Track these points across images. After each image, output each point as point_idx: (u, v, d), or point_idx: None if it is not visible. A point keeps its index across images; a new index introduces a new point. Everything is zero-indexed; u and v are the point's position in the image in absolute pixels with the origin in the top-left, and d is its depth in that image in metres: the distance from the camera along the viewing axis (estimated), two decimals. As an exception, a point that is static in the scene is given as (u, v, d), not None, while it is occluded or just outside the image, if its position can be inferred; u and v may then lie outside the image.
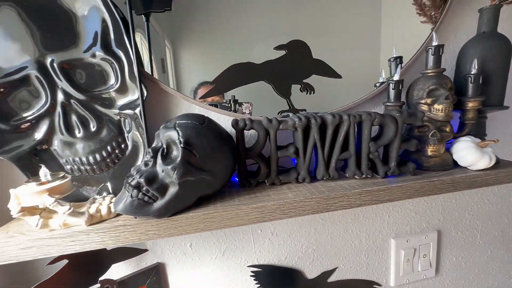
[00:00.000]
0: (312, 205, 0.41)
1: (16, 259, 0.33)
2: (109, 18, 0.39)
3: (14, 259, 0.33)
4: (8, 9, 0.37)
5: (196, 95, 0.47)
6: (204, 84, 0.47)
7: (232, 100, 0.49)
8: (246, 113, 0.49)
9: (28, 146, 0.39)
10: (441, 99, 0.46)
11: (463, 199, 0.66)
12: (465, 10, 0.57)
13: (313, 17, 0.49)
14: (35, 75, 0.39)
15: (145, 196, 0.34)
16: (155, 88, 0.45)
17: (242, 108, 0.50)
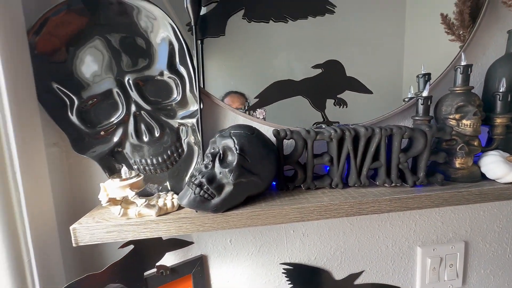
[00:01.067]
0: (346, 209, 0.45)
1: (101, 240, 0.41)
2: (176, 43, 0.47)
3: (100, 240, 0.41)
4: (98, 39, 0.45)
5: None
6: (229, 93, 0.53)
7: (247, 106, 0.55)
8: (260, 118, 0.54)
9: (108, 148, 0.48)
10: (469, 115, 0.50)
11: (492, 212, 0.67)
12: (494, 30, 0.59)
13: (346, 39, 0.55)
14: (115, 91, 0.47)
15: (205, 194, 0.41)
16: (208, 101, 0.53)
17: (256, 113, 0.55)
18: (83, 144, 0.46)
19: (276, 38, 0.52)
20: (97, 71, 0.46)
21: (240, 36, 0.51)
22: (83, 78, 0.46)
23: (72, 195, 0.51)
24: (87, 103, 0.46)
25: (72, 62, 0.45)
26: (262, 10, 0.50)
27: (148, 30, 0.46)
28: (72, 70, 0.45)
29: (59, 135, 0.49)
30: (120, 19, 0.45)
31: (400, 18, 0.58)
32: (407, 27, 0.59)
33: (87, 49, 0.45)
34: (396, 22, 0.58)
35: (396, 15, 0.57)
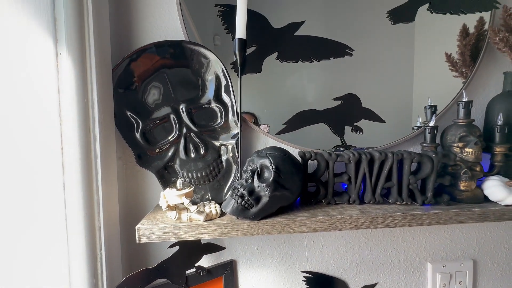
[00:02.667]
0: (363, 222, 0.53)
1: (158, 239, 0.50)
2: (223, 79, 0.58)
3: (157, 239, 0.49)
4: (162, 74, 0.57)
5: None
6: (244, 113, 0.62)
7: (253, 122, 0.63)
8: (264, 131, 0.63)
9: (163, 163, 0.58)
10: (471, 144, 0.57)
11: (498, 233, 0.72)
12: (492, 70, 0.68)
13: (362, 75, 0.64)
14: (172, 116, 0.58)
15: (246, 204, 0.50)
16: (244, 125, 0.63)
17: (261, 128, 0.64)
18: (145, 159, 0.57)
19: (303, 75, 0.63)
20: (158, 99, 0.57)
21: (273, 73, 0.62)
22: (148, 105, 0.57)
23: (129, 200, 0.61)
24: (149, 125, 0.57)
25: (141, 92, 0.56)
26: (292, 53, 0.61)
27: (201, 68, 0.58)
28: (140, 99, 0.56)
29: (122, 150, 0.59)
30: (181, 59, 0.57)
31: (409, 56, 0.67)
32: (416, 64, 0.68)
33: (152, 82, 0.57)
34: (405, 60, 0.67)
35: (406, 54, 0.67)
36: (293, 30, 0.61)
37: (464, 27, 0.67)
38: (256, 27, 0.60)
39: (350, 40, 0.63)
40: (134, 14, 0.60)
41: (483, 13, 0.66)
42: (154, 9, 0.60)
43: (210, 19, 0.60)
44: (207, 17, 0.61)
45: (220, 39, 0.60)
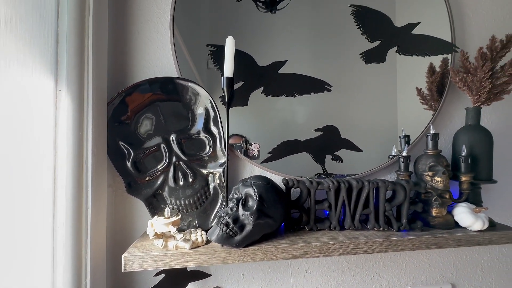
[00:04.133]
0: (342, 248, 0.55)
1: (144, 268, 0.51)
2: (212, 112, 0.62)
3: (143, 268, 0.51)
4: (155, 107, 0.61)
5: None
6: (233, 135, 0.67)
7: (244, 141, 0.68)
8: (255, 151, 0.67)
9: (152, 190, 0.60)
10: (439, 173, 0.62)
11: (473, 256, 0.75)
12: (456, 104, 0.75)
13: (340, 109, 0.70)
14: (162, 146, 0.61)
15: (231, 232, 0.52)
16: (231, 154, 0.66)
17: (252, 147, 0.68)
18: (135, 187, 0.59)
19: (286, 108, 0.68)
20: (150, 130, 0.61)
21: (259, 106, 0.67)
22: (140, 135, 0.60)
23: (117, 227, 0.62)
24: (140, 154, 0.60)
25: (134, 124, 0.60)
26: (276, 88, 0.67)
27: (192, 102, 0.62)
28: (133, 130, 0.60)
29: (113, 178, 0.62)
30: (174, 93, 0.61)
31: (382, 91, 0.74)
32: (389, 98, 0.74)
33: (145, 114, 0.60)
34: (379, 94, 0.74)
35: (379, 89, 0.73)
36: (277, 68, 0.67)
37: (431, 65, 0.75)
38: (244, 65, 0.66)
39: (329, 77, 0.69)
40: (131, 51, 0.65)
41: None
42: (150, 47, 0.65)
43: (202, 52, 0.66)
44: (200, 54, 0.66)
45: (211, 62, 0.65)
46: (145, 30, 0.65)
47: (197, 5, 0.66)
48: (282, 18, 0.69)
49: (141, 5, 0.65)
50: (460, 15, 0.77)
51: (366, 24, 0.71)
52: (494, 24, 0.78)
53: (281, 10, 0.68)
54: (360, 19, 0.71)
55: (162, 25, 0.66)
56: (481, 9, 0.78)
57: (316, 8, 0.70)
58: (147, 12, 0.65)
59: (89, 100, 0.50)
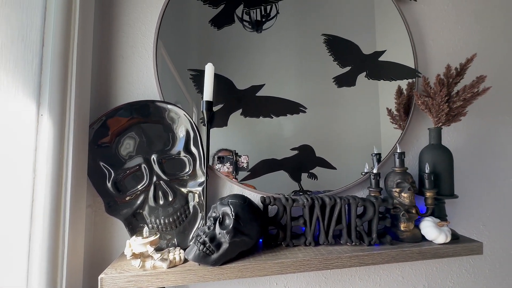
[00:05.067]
0: (316, 264, 0.58)
1: (121, 289, 0.51)
2: (192, 132, 0.65)
3: (120, 288, 0.51)
4: (136, 129, 0.63)
5: (213, 159, 0.70)
6: (222, 150, 0.70)
7: (234, 153, 0.71)
8: (244, 163, 0.70)
9: (132, 210, 0.61)
10: (405, 189, 0.67)
11: (443, 268, 0.79)
12: (422, 125, 0.82)
13: (315, 129, 0.75)
14: (143, 166, 0.63)
15: (208, 250, 0.54)
16: (211, 173, 0.69)
17: (241, 158, 0.71)
18: (114, 207, 0.60)
19: (263, 128, 0.72)
20: (132, 151, 0.63)
21: (238, 127, 0.70)
22: (121, 156, 0.62)
23: (96, 248, 0.62)
24: (121, 174, 0.61)
25: (116, 145, 0.62)
26: (254, 110, 0.71)
27: (173, 123, 0.65)
28: (114, 151, 0.62)
29: (93, 198, 0.62)
30: (154, 115, 0.64)
31: (354, 112, 0.79)
32: (362, 118, 0.80)
33: (127, 135, 0.63)
34: (351, 115, 0.79)
35: (351, 110, 0.79)
36: (254, 91, 0.71)
37: (399, 87, 0.82)
38: (223, 88, 0.70)
39: (303, 100, 0.74)
40: (115, 76, 0.68)
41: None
42: (133, 71, 0.69)
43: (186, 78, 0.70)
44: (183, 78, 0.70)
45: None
46: (129, 55, 0.69)
47: (183, 30, 0.71)
48: (261, 44, 0.74)
49: (126, 32, 0.69)
50: (422, 44, 0.85)
51: (337, 51, 0.77)
52: (452, 52, 0.87)
53: (266, 30, 0.74)
54: (331, 46, 0.77)
55: (146, 51, 0.69)
56: (440, 38, 0.87)
57: (294, 34, 0.76)
58: (131, 38, 0.69)
59: (71, 123, 0.52)
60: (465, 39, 0.88)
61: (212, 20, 0.71)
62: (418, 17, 0.85)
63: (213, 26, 0.71)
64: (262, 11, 0.75)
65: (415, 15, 0.85)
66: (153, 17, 0.70)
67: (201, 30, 0.71)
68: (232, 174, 0.70)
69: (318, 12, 0.79)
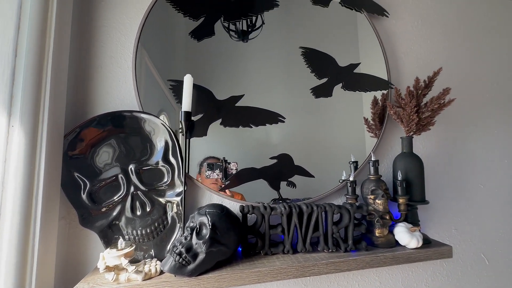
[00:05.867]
0: (293, 271, 0.59)
1: (93, 304, 0.50)
2: (170, 142, 0.65)
3: (92, 303, 0.50)
4: (114, 139, 0.63)
5: (201, 167, 0.70)
6: (210, 157, 0.71)
7: (223, 160, 0.72)
8: (233, 170, 0.71)
9: (108, 221, 0.60)
10: (379, 196, 0.70)
11: (418, 272, 0.82)
12: (395, 133, 0.86)
13: (294, 138, 0.77)
14: (120, 176, 0.62)
15: (184, 261, 0.53)
16: (190, 183, 0.69)
17: (230, 165, 0.72)
18: (89, 219, 0.59)
19: (243, 138, 0.73)
20: (109, 161, 0.62)
21: (218, 136, 0.71)
22: (97, 166, 0.61)
23: (69, 262, 0.61)
24: (96, 185, 0.61)
25: (92, 156, 0.61)
26: (233, 120, 0.72)
27: (151, 133, 0.65)
28: (90, 162, 0.61)
29: (67, 210, 0.61)
30: (132, 126, 0.64)
31: (332, 121, 0.82)
32: (339, 127, 0.83)
33: (104, 146, 0.62)
34: (329, 124, 0.82)
35: (328, 119, 0.82)
36: (234, 102, 0.73)
37: (375, 98, 0.86)
38: (203, 99, 0.71)
39: (282, 110, 0.76)
40: (93, 85, 0.67)
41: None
42: (112, 81, 0.69)
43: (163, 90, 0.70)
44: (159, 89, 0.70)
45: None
46: (107, 65, 0.69)
47: (166, 39, 0.72)
48: (242, 54, 0.76)
49: (104, 42, 0.69)
50: (394, 57, 0.90)
51: (314, 63, 0.80)
52: (422, 65, 0.92)
53: (253, 39, 0.77)
54: (309, 59, 0.80)
55: (125, 61, 0.70)
56: (411, 52, 0.92)
57: (275, 46, 0.78)
58: (110, 49, 0.69)
59: (44, 134, 0.52)
60: (434, 53, 0.93)
61: (192, 32, 0.73)
62: (390, 32, 0.91)
63: (193, 38, 0.73)
64: (248, 21, 0.78)
65: (387, 30, 0.90)
66: (133, 28, 0.71)
67: (184, 40, 0.73)
68: (222, 180, 0.70)
69: (299, 25, 0.82)
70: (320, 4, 0.84)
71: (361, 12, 0.87)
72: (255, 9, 0.78)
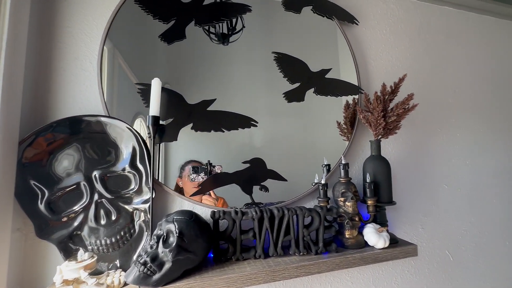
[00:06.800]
0: (263, 276, 0.59)
1: (48, 321, 0.47)
2: (138, 148, 0.63)
3: (47, 321, 0.47)
4: (76, 145, 0.60)
5: (183, 171, 0.69)
6: (191, 161, 0.70)
7: (208, 163, 0.71)
8: (218, 172, 0.71)
9: (68, 232, 0.57)
10: (348, 199, 0.71)
11: (388, 270, 0.85)
12: (366, 137, 0.89)
13: (266, 142, 0.77)
14: (83, 183, 0.60)
15: (148, 271, 0.52)
16: (160, 189, 0.67)
17: (215, 168, 0.71)
18: (46, 230, 0.55)
19: (215, 142, 0.72)
20: (70, 168, 0.59)
21: (189, 141, 0.70)
22: (57, 174, 0.58)
23: (24, 276, 0.57)
24: (56, 194, 0.57)
25: (51, 163, 0.58)
26: (205, 124, 0.71)
27: (117, 139, 0.63)
28: (48, 170, 0.57)
29: (23, 221, 0.57)
30: (96, 131, 0.61)
31: (304, 125, 0.83)
32: (312, 131, 0.84)
33: (65, 152, 0.59)
34: (302, 128, 0.83)
35: (301, 124, 0.83)
36: (205, 106, 0.72)
37: (347, 102, 0.88)
38: (173, 103, 0.70)
39: (255, 114, 0.76)
40: (54, 88, 0.64)
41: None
42: (76, 84, 0.66)
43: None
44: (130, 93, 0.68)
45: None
46: (71, 67, 0.66)
47: (139, 42, 0.70)
48: (216, 59, 0.76)
49: (67, 43, 0.66)
50: (364, 63, 0.93)
51: (286, 68, 0.81)
52: (390, 71, 0.96)
53: (233, 42, 0.77)
54: (281, 64, 0.81)
55: (90, 63, 0.67)
56: (380, 58, 0.96)
57: (249, 49, 0.79)
58: (74, 50, 0.66)
59: (-7, 141, 0.48)
60: (401, 61, 0.98)
61: (162, 35, 0.72)
62: (361, 39, 0.94)
63: (163, 41, 0.72)
64: (228, 24, 0.78)
65: (358, 37, 0.94)
66: (99, 29, 0.68)
67: (161, 43, 0.71)
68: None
69: (275, 30, 0.83)
70: (292, 11, 0.85)
71: (332, 20, 0.89)
72: (228, 14, 0.78)
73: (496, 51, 1.16)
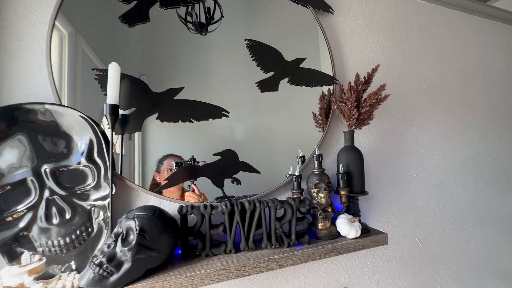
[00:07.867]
0: (232, 272, 0.56)
1: (-15, 334, 0.42)
2: (95, 139, 0.58)
3: (-16, 333, 0.42)
4: (21, 135, 0.54)
5: (161, 165, 0.65)
6: (170, 155, 0.66)
7: (192, 159, 0.68)
8: (201, 165, 0.68)
9: (12, 233, 0.51)
10: (322, 190, 0.71)
11: (361, 259, 0.86)
12: (340, 128, 0.88)
13: (238, 134, 0.74)
14: (30, 179, 0.53)
15: (104, 272, 0.47)
16: (122, 184, 0.62)
17: (199, 164, 0.68)
18: (-16, 232, 0.49)
19: (183, 134, 0.68)
20: (15, 162, 0.53)
21: (154, 132, 0.65)
22: (-2, 169, 0.52)
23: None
24: (-3, 192, 0.51)
25: (-11, 156, 0.51)
26: (172, 114, 0.67)
27: (70, 129, 0.57)
28: (-13, 164, 0.51)
29: (-42, 223, 0.50)
30: (44, 121, 0.55)
31: (279, 116, 0.81)
32: (287, 122, 0.82)
33: (7, 145, 0.52)
34: (276, 119, 0.81)
35: (276, 114, 0.80)
36: (172, 95, 0.67)
37: (323, 93, 0.87)
38: (136, 91, 0.65)
39: (226, 104, 0.73)
40: (-6, 72, 0.56)
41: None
42: (21, 68, 0.58)
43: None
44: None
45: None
46: (15, 49, 0.58)
47: (103, 25, 0.63)
48: (186, 46, 0.71)
49: (9, 21, 0.58)
50: (339, 53, 0.92)
51: (260, 56, 0.78)
52: (365, 62, 0.96)
53: (212, 32, 0.73)
54: (254, 52, 0.78)
55: (39, 45, 0.60)
56: (355, 49, 0.95)
57: (223, 37, 0.74)
58: (17, 30, 0.59)
59: None
60: (375, 52, 0.98)
61: (122, 16, 0.65)
62: (336, 29, 0.93)
63: (123, 23, 0.65)
64: (205, 13, 0.73)
65: (333, 27, 0.92)
66: (48, 8, 0.61)
67: (124, 29, 0.65)
68: (190, 180, 0.68)
69: (250, 18, 0.79)
70: (265, -4, 0.82)
71: (307, 7, 0.87)
72: (197, -4, 0.73)
73: (467, 46, 1.20)
